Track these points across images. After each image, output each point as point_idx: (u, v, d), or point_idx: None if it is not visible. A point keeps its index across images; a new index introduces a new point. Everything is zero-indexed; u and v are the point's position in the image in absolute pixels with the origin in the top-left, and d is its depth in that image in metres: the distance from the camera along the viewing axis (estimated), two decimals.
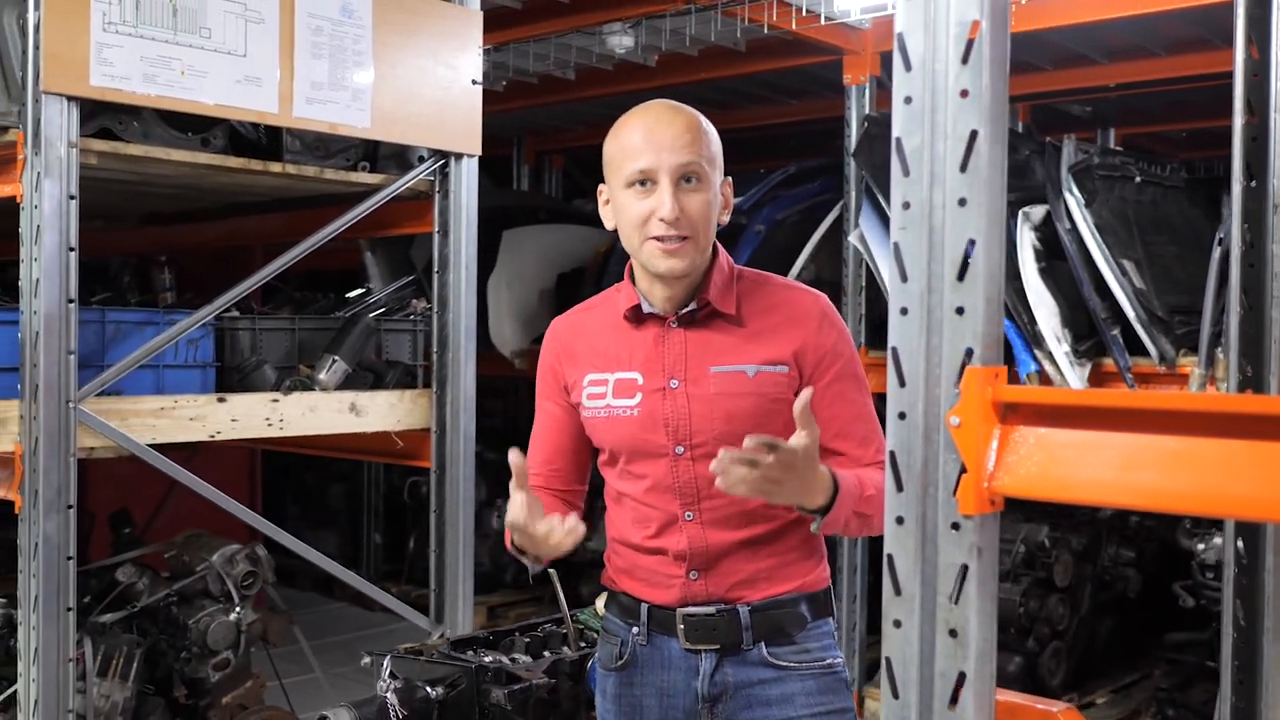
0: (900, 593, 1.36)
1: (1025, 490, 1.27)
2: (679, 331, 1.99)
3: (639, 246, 1.93)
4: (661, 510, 1.99)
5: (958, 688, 1.30)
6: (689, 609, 1.98)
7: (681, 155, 1.91)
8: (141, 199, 4.06)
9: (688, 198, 1.91)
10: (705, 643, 1.98)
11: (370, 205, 3.50)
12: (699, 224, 1.92)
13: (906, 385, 1.35)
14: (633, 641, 2.03)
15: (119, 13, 2.86)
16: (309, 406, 3.43)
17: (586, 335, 2.07)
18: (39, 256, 2.79)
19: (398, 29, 3.43)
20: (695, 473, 1.95)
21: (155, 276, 4.37)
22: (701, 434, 1.95)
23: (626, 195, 1.94)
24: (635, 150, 1.93)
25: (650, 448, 1.98)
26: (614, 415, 1.99)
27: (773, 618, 1.98)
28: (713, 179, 1.95)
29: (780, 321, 1.98)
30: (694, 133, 1.94)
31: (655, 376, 1.98)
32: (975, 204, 1.30)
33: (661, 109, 1.97)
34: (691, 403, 1.96)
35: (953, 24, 1.32)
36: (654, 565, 2.01)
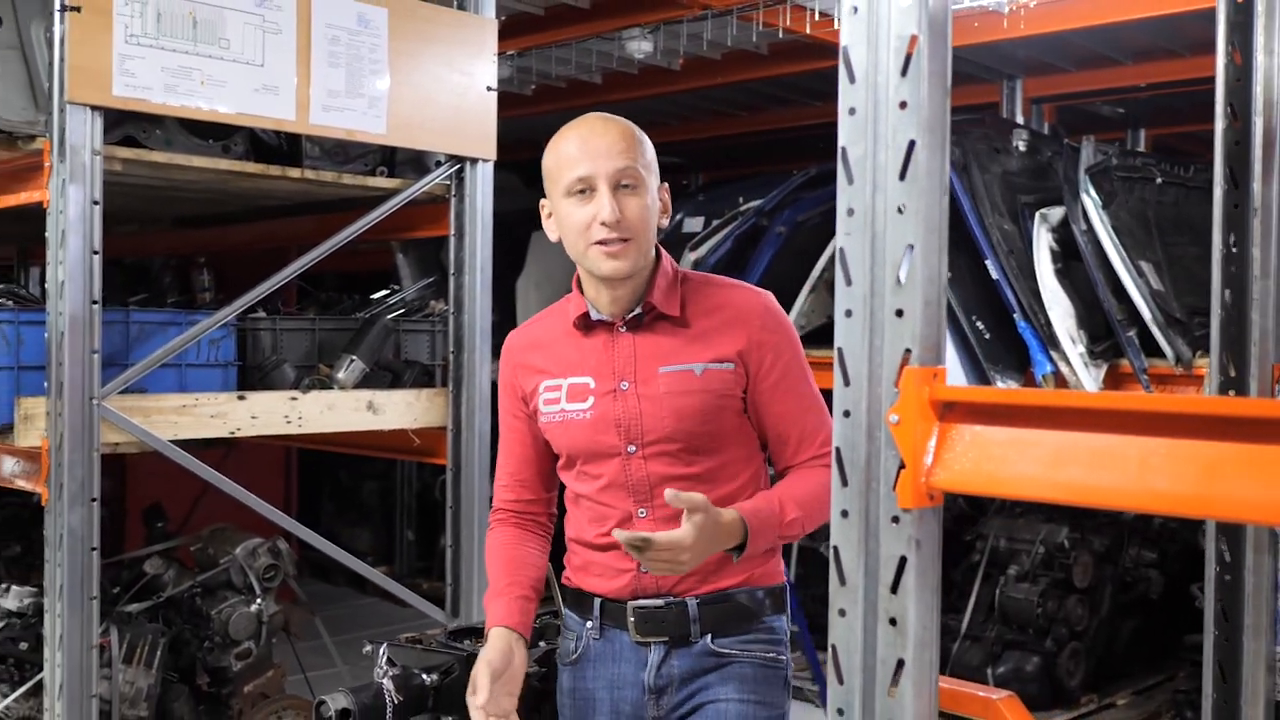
0: (845, 583, 1.42)
1: (959, 485, 1.33)
2: (627, 335, 2.06)
3: (583, 252, 2.01)
4: (616, 508, 2.06)
5: (897, 674, 1.36)
6: (639, 601, 2.05)
7: (617, 161, 1.98)
8: (172, 203, 4.18)
9: (626, 201, 1.98)
10: (654, 635, 2.04)
11: (386, 209, 3.60)
12: (638, 226, 1.99)
13: (850, 384, 1.41)
14: (586, 635, 2.11)
15: (141, 25, 2.97)
16: (327, 404, 3.53)
17: (540, 346, 2.14)
18: (64, 260, 2.91)
19: (413, 37, 3.52)
20: (647, 470, 2.03)
21: (194, 277, 4.50)
22: (652, 432, 2.02)
23: (567, 204, 2.01)
24: (572, 160, 2.00)
25: (603, 448, 2.05)
26: (568, 419, 2.07)
27: (720, 610, 2.04)
28: (649, 184, 2.02)
29: (724, 320, 2.04)
30: (628, 140, 2.02)
31: (606, 379, 2.05)
32: (913, 211, 1.36)
33: (595, 120, 2.05)
34: (642, 403, 2.02)
35: (893, 38, 1.38)
36: (607, 561, 2.08)
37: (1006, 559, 5.05)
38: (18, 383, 3.08)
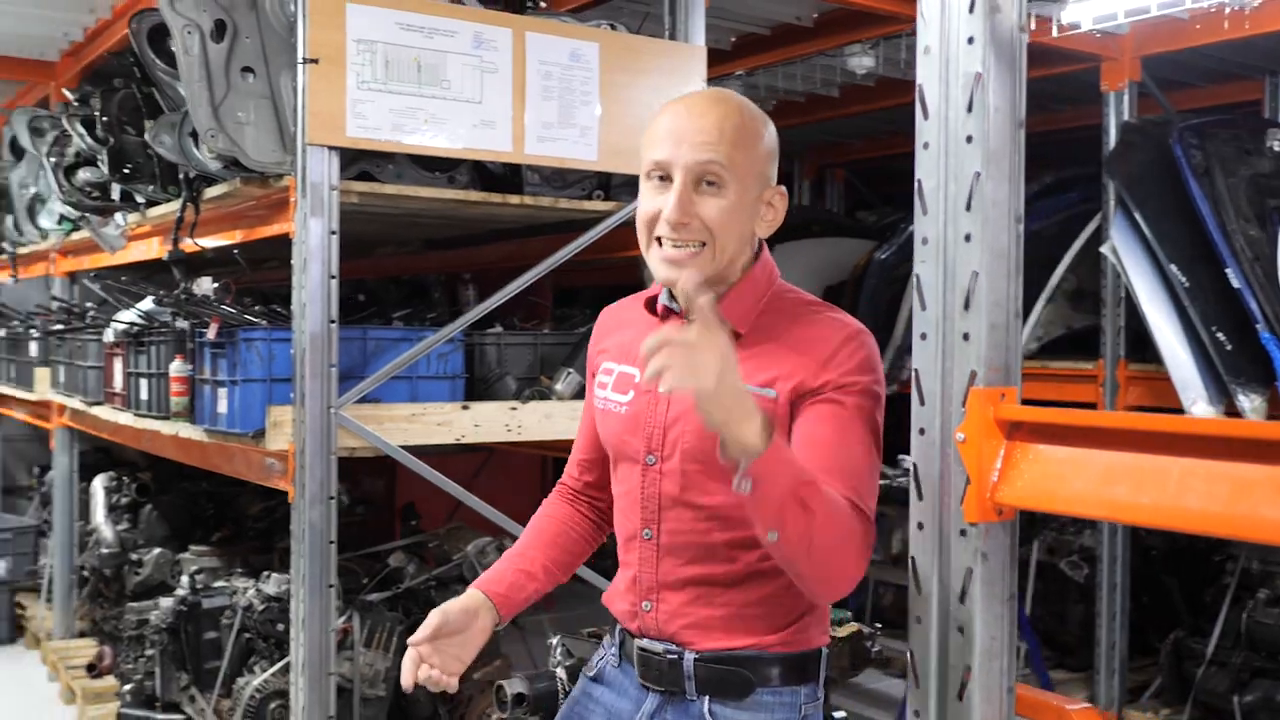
0: (920, 591, 1.50)
1: (1020, 501, 1.38)
2: None
3: (646, 248, 1.79)
4: (629, 522, 1.88)
5: (965, 680, 1.42)
6: (642, 642, 1.86)
7: (703, 152, 1.71)
8: (415, 228, 4.56)
9: (705, 201, 1.72)
10: (653, 682, 1.84)
11: (600, 230, 3.82)
12: (716, 231, 1.72)
13: (925, 404, 1.49)
14: (608, 657, 1.97)
15: (371, 72, 3.30)
16: (544, 414, 3.78)
17: (618, 325, 1.99)
18: (305, 284, 3.27)
19: (624, 68, 3.74)
20: (661, 487, 1.82)
21: (461, 292, 4.87)
22: (671, 445, 1.81)
23: (645, 187, 1.80)
24: (657, 139, 1.77)
25: (628, 450, 1.87)
26: (608, 409, 1.91)
27: (719, 673, 1.78)
28: (742, 184, 1.73)
29: (789, 346, 1.77)
30: (726, 129, 1.72)
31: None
32: (979, 239, 1.42)
33: (699, 97, 1.80)
34: (671, 410, 1.81)
35: (960, 75, 1.45)
36: (622, 582, 1.92)
37: (1259, 581, 4.82)
38: (270, 393, 3.47)
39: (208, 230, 3.96)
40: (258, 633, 4.02)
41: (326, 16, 3.24)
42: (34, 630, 6.43)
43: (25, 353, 6.20)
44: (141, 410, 4.23)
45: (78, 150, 4.48)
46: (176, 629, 4.32)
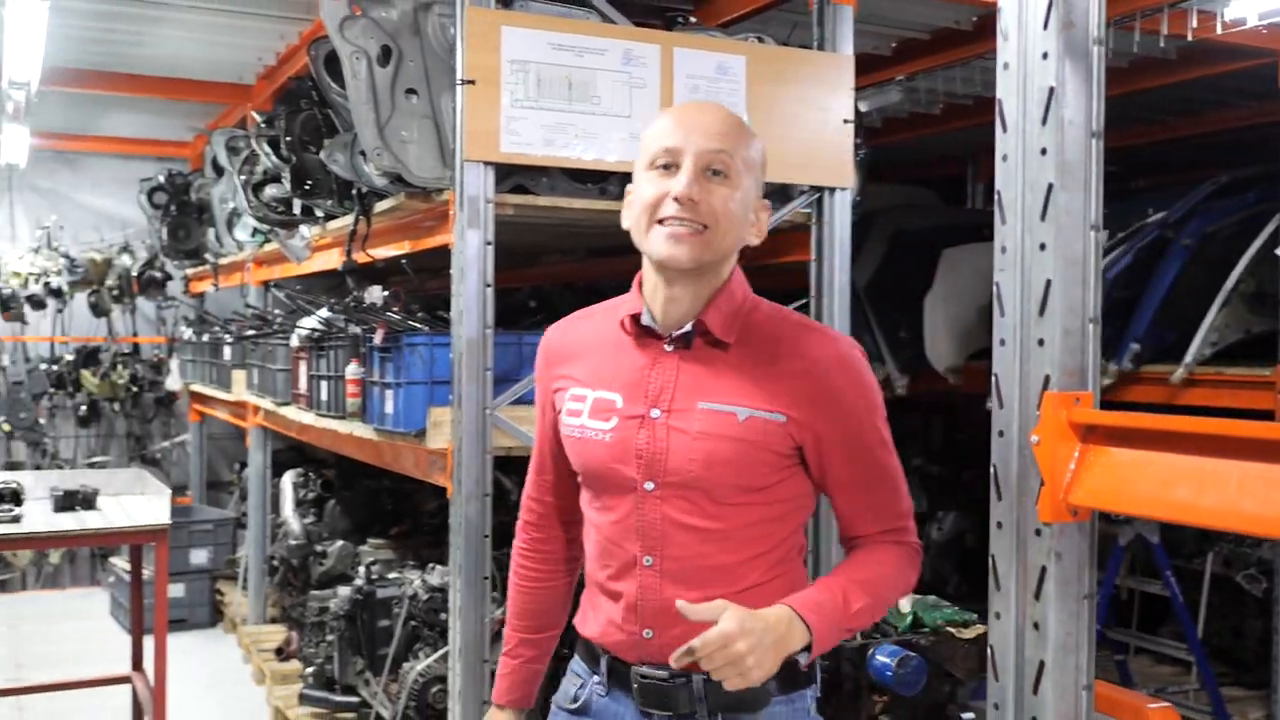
0: (999, 589, 1.55)
1: (1092, 502, 1.42)
2: (673, 357, 1.83)
3: (646, 232, 1.78)
4: (623, 550, 1.83)
5: (1039, 675, 1.46)
6: (643, 669, 1.83)
7: (713, 142, 1.75)
8: (577, 237, 4.74)
9: (711, 188, 1.75)
10: (658, 708, 1.82)
11: None
12: (719, 216, 1.75)
13: (1004, 407, 1.54)
14: (592, 689, 1.91)
15: (524, 91, 3.48)
16: None
17: (576, 346, 1.95)
18: (463, 292, 3.46)
19: (771, 79, 3.82)
20: (663, 513, 1.79)
21: None
22: (677, 473, 1.78)
23: (645, 178, 1.79)
24: (664, 131, 1.79)
25: (618, 479, 1.82)
26: (586, 437, 1.85)
27: (730, 692, 1.72)
28: (744, 182, 1.78)
29: (788, 367, 1.78)
30: (731, 126, 1.79)
31: (636, 402, 1.82)
32: (1053, 248, 1.47)
33: (704, 102, 1.93)
34: (671, 436, 1.78)
35: (1035, 90, 1.50)
36: (612, 613, 1.87)
37: None
38: (431, 394, 3.69)
39: (379, 242, 4.22)
40: (422, 621, 4.25)
41: (483, 39, 3.44)
42: (231, 615, 6.90)
43: (224, 356, 6.65)
44: (322, 410, 4.52)
45: (265, 168, 4.82)
46: (353, 616, 4.60)
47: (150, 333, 9.13)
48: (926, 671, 2.57)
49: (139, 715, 4.17)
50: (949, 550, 6.91)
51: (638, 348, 1.85)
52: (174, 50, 5.96)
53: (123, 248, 8.73)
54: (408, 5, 3.63)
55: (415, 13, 3.64)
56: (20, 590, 8.30)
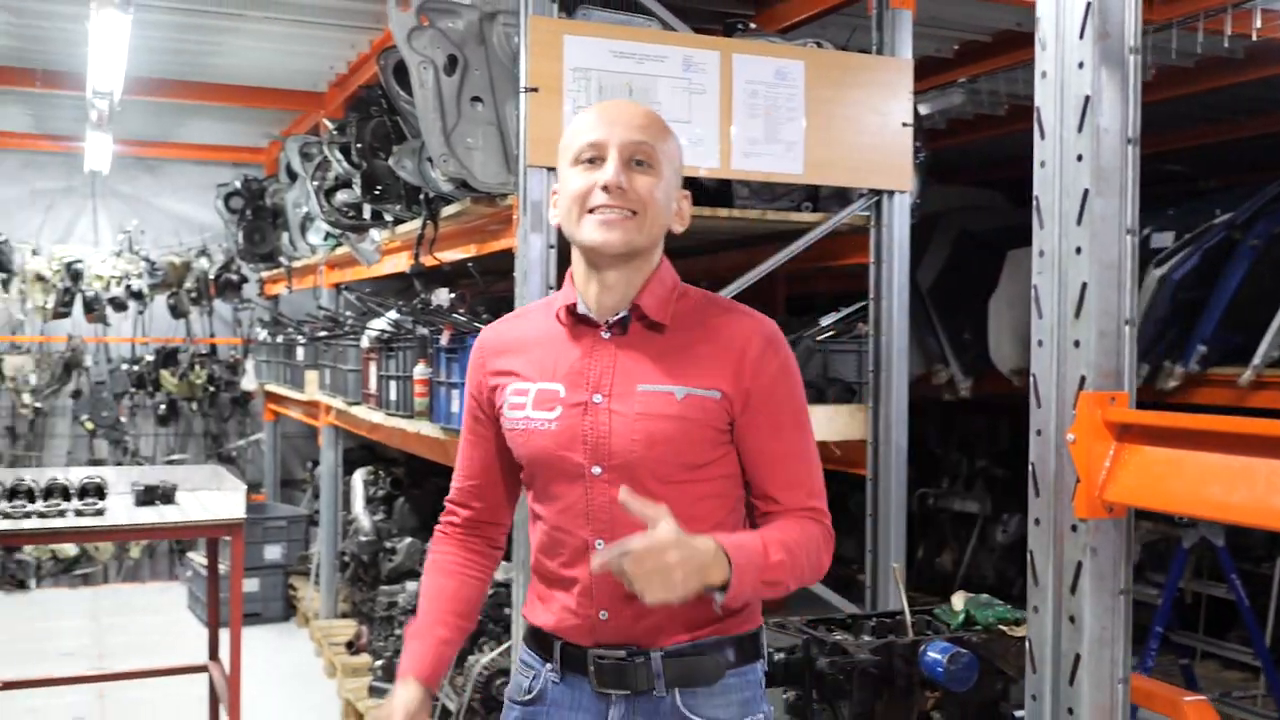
0: (1037, 583, 1.59)
1: (1126, 499, 1.45)
2: (609, 344, 1.89)
3: (577, 222, 1.85)
4: (574, 536, 1.88)
5: (1075, 667, 1.50)
6: (599, 650, 1.87)
7: (635, 134, 1.83)
8: None
9: (636, 177, 1.82)
10: (616, 687, 1.87)
11: (806, 241, 3.97)
12: (646, 203, 1.82)
13: (1041, 406, 1.58)
14: (545, 677, 1.94)
15: (585, 98, 3.56)
16: None
17: (512, 345, 1.98)
18: (526, 295, 3.55)
19: (829, 84, 3.87)
20: (610, 496, 1.82)
21: None
22: (620, 455, 1.84)
23: (572, 173, 1.86)
24: (587, 126, 1.86)
25: (565, 466, 1.87)
26: (531, 428, 1.89)
27: (688, 664, 1.85)
28: (665, 172, 1.86)
29: (717, 345, 1.86)
30: (651, 120, 1.88)
31: (578, 390, 1.88)
32: (1089, 252, 1.51)
33: (620, 99, 1.98)
34: (613, 420, 1.85)
35: (1071, 97, 1.54)
36: (565, 600, 1.91)
37: None
38: None
39: (445, 245, 4.32)
40: (487, 615, 4.35)
41: (546, 48, 3.52)
42: (304, 610, 7.07)
43: (297, 357, 6.82)
44: (391, 410, 4.64)
45: (336, 174, 4.96)
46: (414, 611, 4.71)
47: (227, 334, 9.37)
48: (978, 668, 2.60)
49: (215, 704, 4.31)
50: (1013, 553, 6.88)
51: (575, 338, 1.91)
52: (250, 60, 6.14)
53: (200, 251, 8.98)
54: (473, 15, 3.73)
55: (481, 23, 3.74)
56: (102, 583, 8.57)
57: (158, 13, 5.21)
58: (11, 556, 8.25)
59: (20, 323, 8.68)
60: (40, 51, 6.05)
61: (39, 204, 8.91)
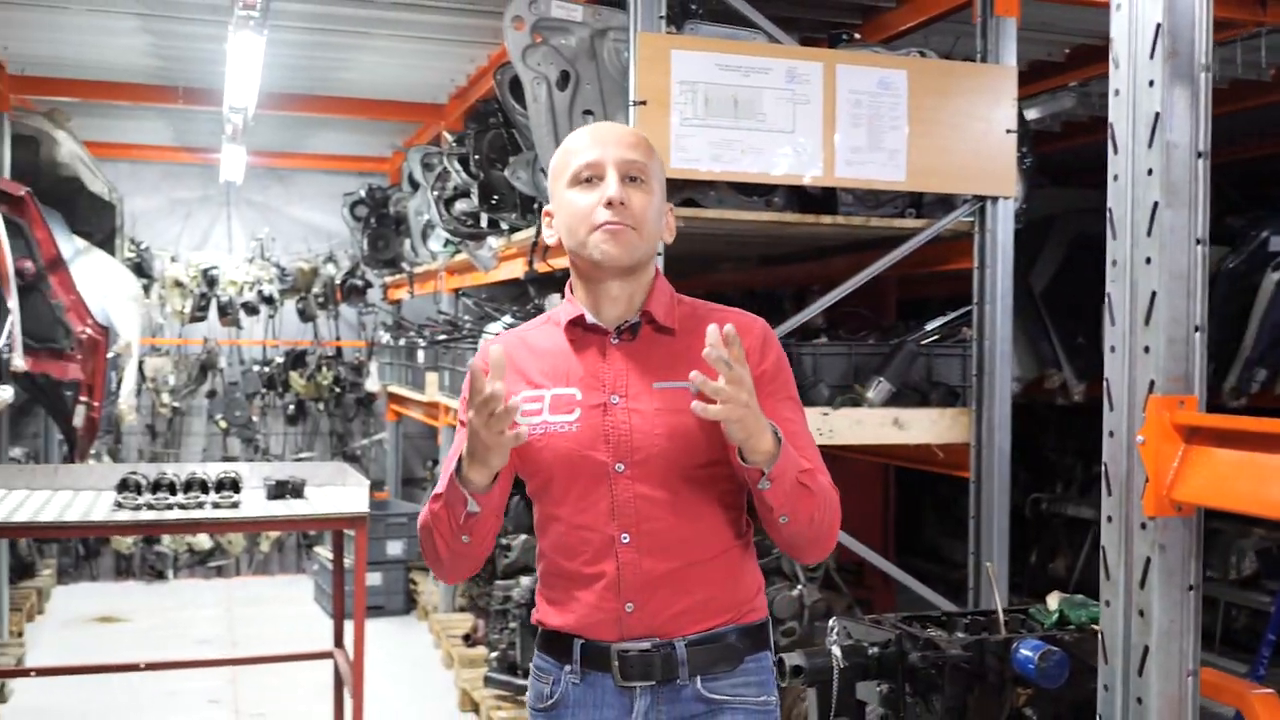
0: (1109, 578, 1.66)
1: (1193, 498, 1.52)
2: (619, 347, 1.98)
3: (583, 240, 1.93)
4: (598, 533, 1.94)
5: (1144, 659, 1.57)
6: (624, 644, 1.94)
7: (628, 153, 1.94)
8: (746, 246, 4.92)
9: (632, 194, 1.93)
10: (641, 679, 1.94)
11: (909, 247, 4.04)
12: (644, 218, 1.93)
13: (1114, 409, 1.65)
14: (565, 680, 2.00)
15: (692, 110, 3.69)
16: (856, 420, 4.04)
17: (520, 354, 2.03)
18: None
19: (932, 92, 3.94)
20: (635, 492, 1.92)
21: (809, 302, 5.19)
22: (643, 450, 1.92)
23: (570, 194, 1.96)
24: (582, 148, 1.96)
25: (589, 465, 1.94)
26: (550, 431, 1.95)
27: (709, 651, 1.95)
28: (656, 189, 1.98)
29: None
30: (639, 140, 1.99)
31: (595, 393, 1.95)
32: (1158, 262, 1.58)
33: (609, 122, 2.04)
34: (633, 418, 1.93)
35: (1141, 114, 1.61)
36: (588, 599, 1.96)
37: None
38: None
39: (558, 253, 4.47)
40: None
41: (654, 63, 3.66)
42: (423, 603, 7.32)
43: (418, 359, 7.07)
44: None
45: (455, 184, 5.16)
46: (530, 605, 4.88)
47: (352, 337, 9.72)
48: (1069, 666, 2.65)
49: (340, 689, 4.53)
50: None
51: (584, 346, 1.99)
52: (374, 74, 6.40)
53: (328, 257, 9.34)
54: (585, 32, 3.88)
55: (592, 39, 3.89)
56: (235, 575, 8.96)
57: (290, 32, 5.48)
58: (151, 549, 8.69)
59: (160, 326, 9.13)
60: (181, 70, 6.40)
61: (178, 213, 9.36)
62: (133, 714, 5.51)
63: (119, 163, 8.68)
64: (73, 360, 5.55)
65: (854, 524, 4.19)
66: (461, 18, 5.25)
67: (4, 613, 6.35)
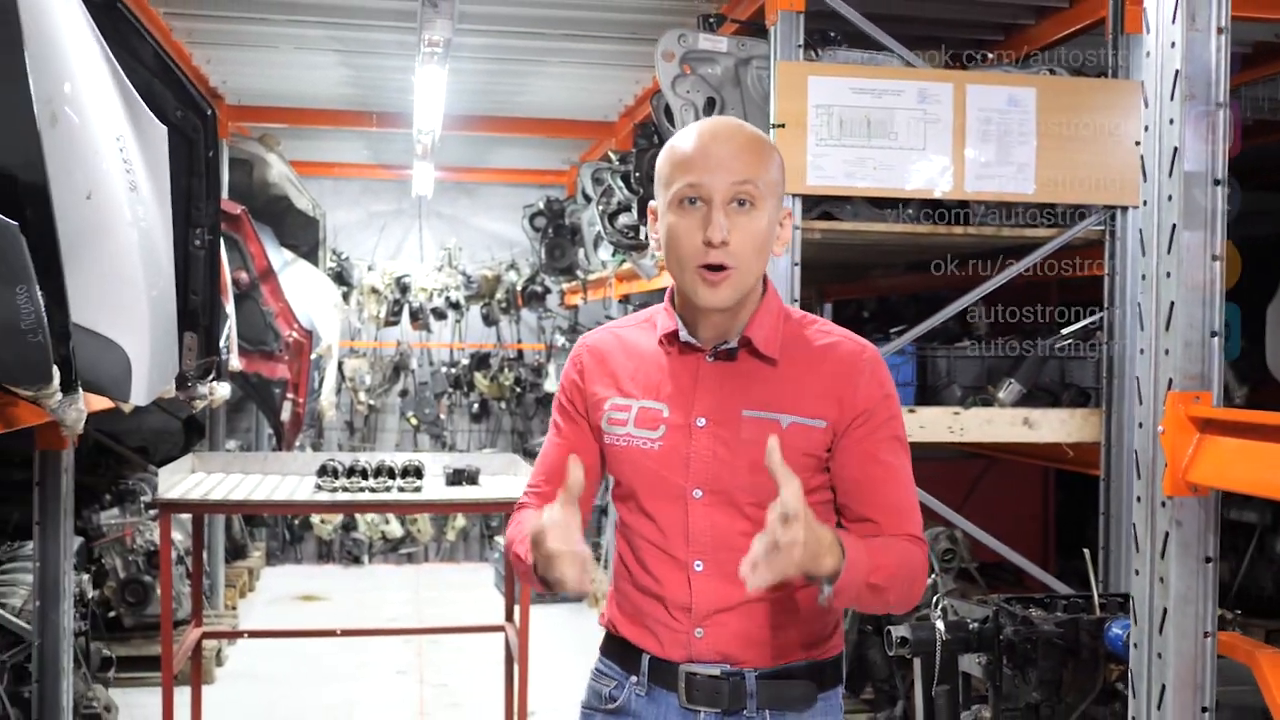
0: (1138, 550, 1.91)
1: (1206, 481, 1.76)
2: (714, 367, 1.90)
3: (684, 276, 1.84)
4: (671, 556, 1.89)
5: (1164, 619, 1.81)
6: (692, 667, 1.88)
7: (737, 174, 1.80)
8: (889, 254, 5.20)
9: (738, 221, 1.80)
10: (707, 705, 1.88)
11: (1040, 254, 4.25)
12: (748, 253, 1.81)
13: (1143, 403, 1.90)
14: (629, 690, 1.95)
15: (828, 131, 4.00)
16: (986, 419, 4.28)
17: (615, 356, 1.97)
18: None
19: (1060, 109, 4.15)
20: (712, 520, 1.86)
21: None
22: (724, 480, 1.86)
23: (674, 215, 1.84)
24: (687, 164, 1.82)
25: (667, 487, 1.89)
26: (633, 446, 1.90)
27: (780, 688, 1.88)
28: (768, 206, 1.84)
29: (823, 372, 1.87)
30: (753, 151, 1.84)
31: (682, 412, 1.88)
32: (1176, 277, 1.82)
33: (721, 124, 1.89)
34: (717, 445, 1.86)
35: (1165, 148, 1.86)
36: (659, 615, 1.91)
37: None
38: None
39: None
40: None
41: (792, 88, 3.99)
42: (595, 591, 7.77)
43: None
44: None
45: (618, 199, 5.58)
46: None
47: (532, 340, 10.29)
48: None
49: (510, 662, 4.99)
50: None
51: (679, 360, 1.91)
52: (549, 96, 6.91)
53: (510, 265, 9.93)
54: (729, 61, 4.23)
55: (736, 68, 4.24)
56: (423, 562, 9.62)
57: (471, 62, 6.00)
58: (349, 536, 9.41)
59: (357, 330, 9.88)
60: (375, 97, 7.02)
61: (374, 225, 10.10)
62: (330, 681, 6.10)
63: (322, 180, 9.45)
64: (281, 361, 6.20)
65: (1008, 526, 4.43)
66: (626, 45, 5.67)
67: (220, 588, 7.07)
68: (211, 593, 6.78)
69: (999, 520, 4.67)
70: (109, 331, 2.68)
